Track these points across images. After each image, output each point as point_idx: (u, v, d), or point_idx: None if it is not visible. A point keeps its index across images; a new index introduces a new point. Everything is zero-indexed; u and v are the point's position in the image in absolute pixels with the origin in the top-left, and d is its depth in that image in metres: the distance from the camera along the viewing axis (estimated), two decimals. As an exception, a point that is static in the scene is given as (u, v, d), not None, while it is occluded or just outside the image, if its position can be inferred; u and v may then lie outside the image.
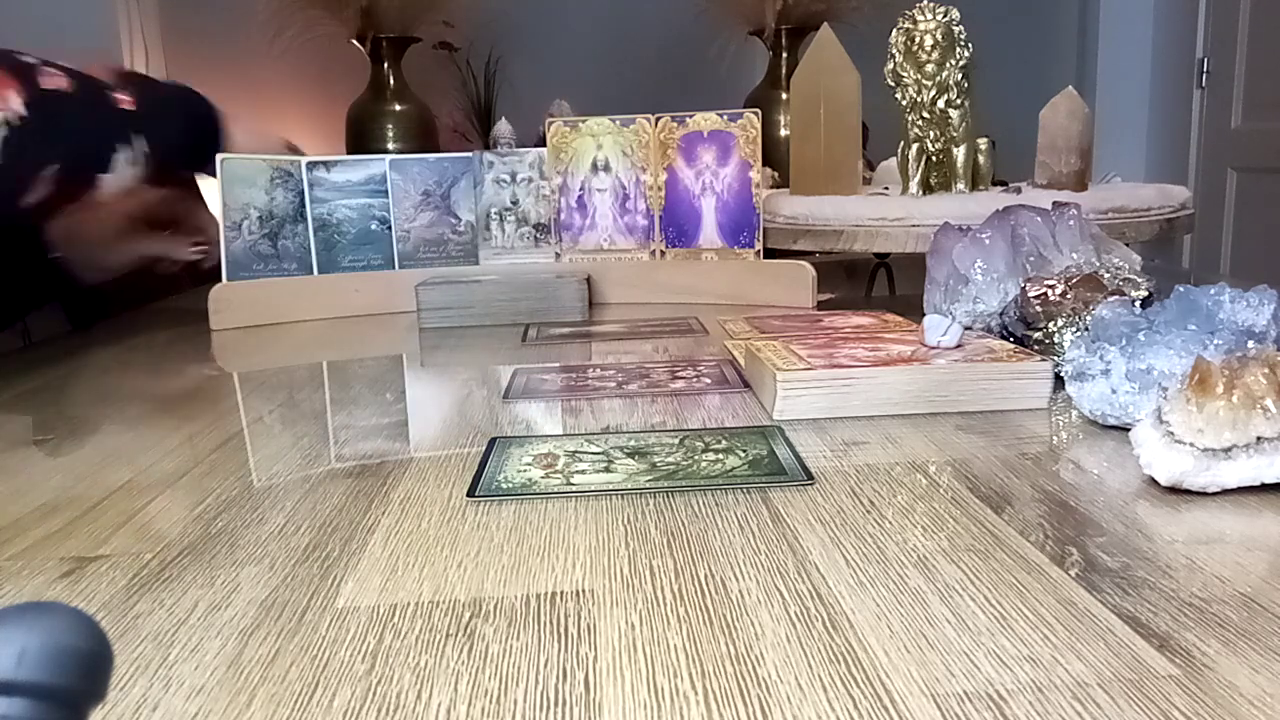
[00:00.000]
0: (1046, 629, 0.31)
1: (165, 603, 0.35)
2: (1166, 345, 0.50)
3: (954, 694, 0.27)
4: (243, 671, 0.30)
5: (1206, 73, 3.08)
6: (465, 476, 0.48)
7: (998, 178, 1.13)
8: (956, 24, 0.97)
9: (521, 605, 0.34)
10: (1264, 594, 0.33)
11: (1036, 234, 0.70)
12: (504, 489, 0.46)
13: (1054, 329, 0.63)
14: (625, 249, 1.05)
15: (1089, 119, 1.03)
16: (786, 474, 0.47)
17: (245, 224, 0.98)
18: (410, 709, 0.28)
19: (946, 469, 0.47)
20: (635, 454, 0.50)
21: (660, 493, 0.45)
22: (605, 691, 0.28)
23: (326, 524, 0.42)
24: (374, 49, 2.56)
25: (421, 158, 1.06)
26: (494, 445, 0.53)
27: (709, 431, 0.54)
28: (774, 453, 0.50)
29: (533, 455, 0.50)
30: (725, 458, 0.49)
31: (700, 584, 0.35)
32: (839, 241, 0.95)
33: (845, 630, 0.31)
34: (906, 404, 0.57)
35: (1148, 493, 0.43)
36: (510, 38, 3.17)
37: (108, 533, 0.42)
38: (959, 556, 0.37)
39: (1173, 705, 0.27)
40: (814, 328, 0.79)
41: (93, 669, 0.18)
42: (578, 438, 0.54)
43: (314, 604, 0.35)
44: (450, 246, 1.05)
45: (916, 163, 1.03)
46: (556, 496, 0.45)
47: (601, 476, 0.47)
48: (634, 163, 1.04)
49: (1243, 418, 0.41)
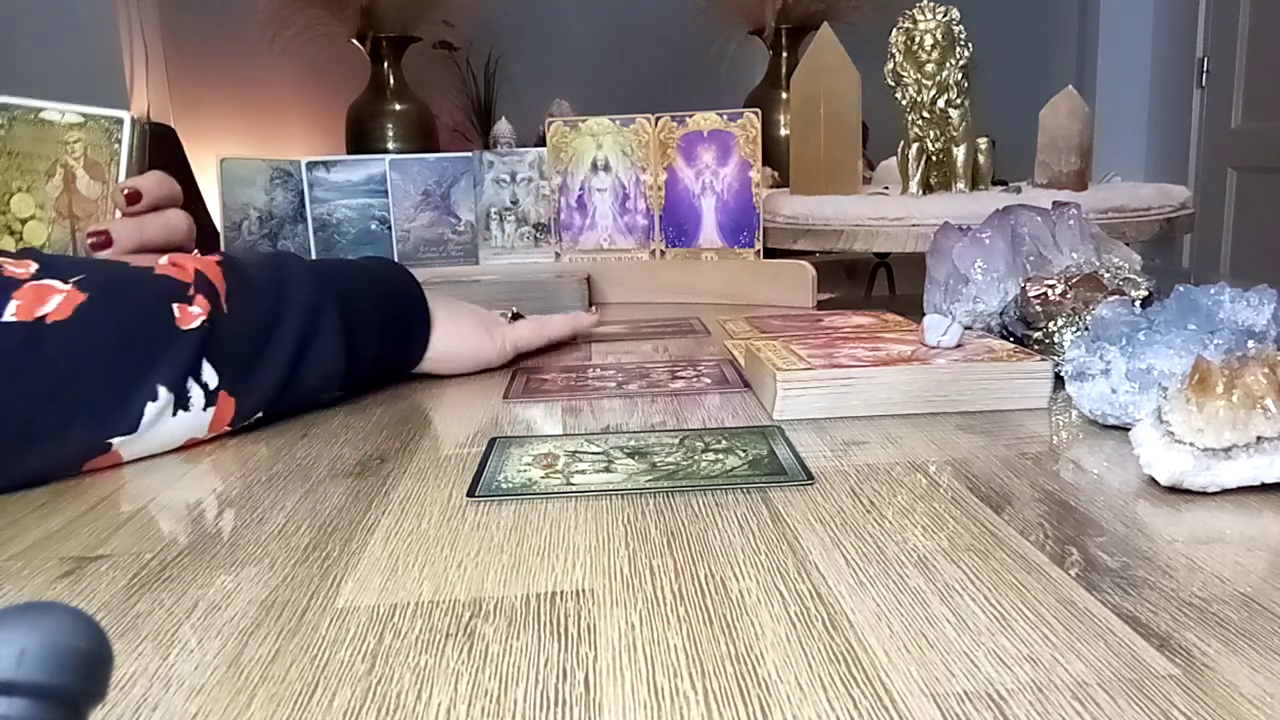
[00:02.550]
0: (1046, 629, 0.31)
1: (165, 603, 0.35)
2: (1166, 345, 0.50)
3: (954, 694, 0.27)
4: (243, 671, 0.30)
5: (1206, 72, 3.08)
6: (465, 476, 0.48)
7: (998, 177, 1.13)
8: (956, 24, 0.97)
9: (521, 605, 0.34)
10: (1264, 594, 0.33)
11: (1036, 234, 0.70)
12: (504, 489, 0.46)
13: (1054, 329, 0.63)
14: (625, 249, 1.05)
15: (1089, 119, 1.03)
16: (786, 474, 0.47)
17: (245, 224, 0.98)
18: (410, 709, 0.28)
19: (946, 469, 0.47)
20: (635, 454, 0.50)
21: (660, 493, 0.45)
22: (605, 691, 0.28)
23: (326, 524, 0.42)
24: (374, 49, 2.56)
25: (421, 158, 1.06)
26: (494, 445, 0.53)
27: (709, 431, 0.54)
28: (774, 452, 0.50)
29: (533, 455, 0.50)
30: (725, 457, 0.49)
31: (700, 584, 0.35)
32: (839, 241, 0.95)
33: (845, 630, 0.31)
34: (906, 404, 0.57)
35: (1148, 492, 0.43)
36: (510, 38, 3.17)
37: (108, 533, 0.42)
38: (959, 556, 0.37)
39: (1173, 705, 0.27)
40: (814, 327, 0.79)
41: (93, 669, 0.18)
42: (578, 437, 0.54)
43: (314, 604, 0.35)
44: (450, 246, 1.05)
45: (916, 162, 1.03)
46: (556, 496, 0.45)
47: (601, 476, 0.47)
48: (634, 162, 1.04)
49: (1243, 417, 0.41)
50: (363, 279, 0.65)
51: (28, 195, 0.61)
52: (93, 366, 0.48)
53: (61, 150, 0.61)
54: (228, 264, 0.56)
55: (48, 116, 0.61)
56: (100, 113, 0.62)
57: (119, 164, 0.62)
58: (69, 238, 0.62)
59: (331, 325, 0.59)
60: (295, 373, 0.57)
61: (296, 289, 0.58)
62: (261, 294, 0.57)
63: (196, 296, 0.53)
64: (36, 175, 0.61)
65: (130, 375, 0.50)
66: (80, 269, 0.50)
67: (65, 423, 0.48)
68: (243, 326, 0.55)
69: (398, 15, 2.54)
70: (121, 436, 0.50)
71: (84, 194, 0.62)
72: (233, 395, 0.54)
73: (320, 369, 0.59)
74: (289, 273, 0.59)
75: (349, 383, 0.62)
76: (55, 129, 0.61)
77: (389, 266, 0.69)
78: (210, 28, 3.07)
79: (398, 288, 0.67)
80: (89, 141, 0.62)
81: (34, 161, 0.61)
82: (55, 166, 0.61)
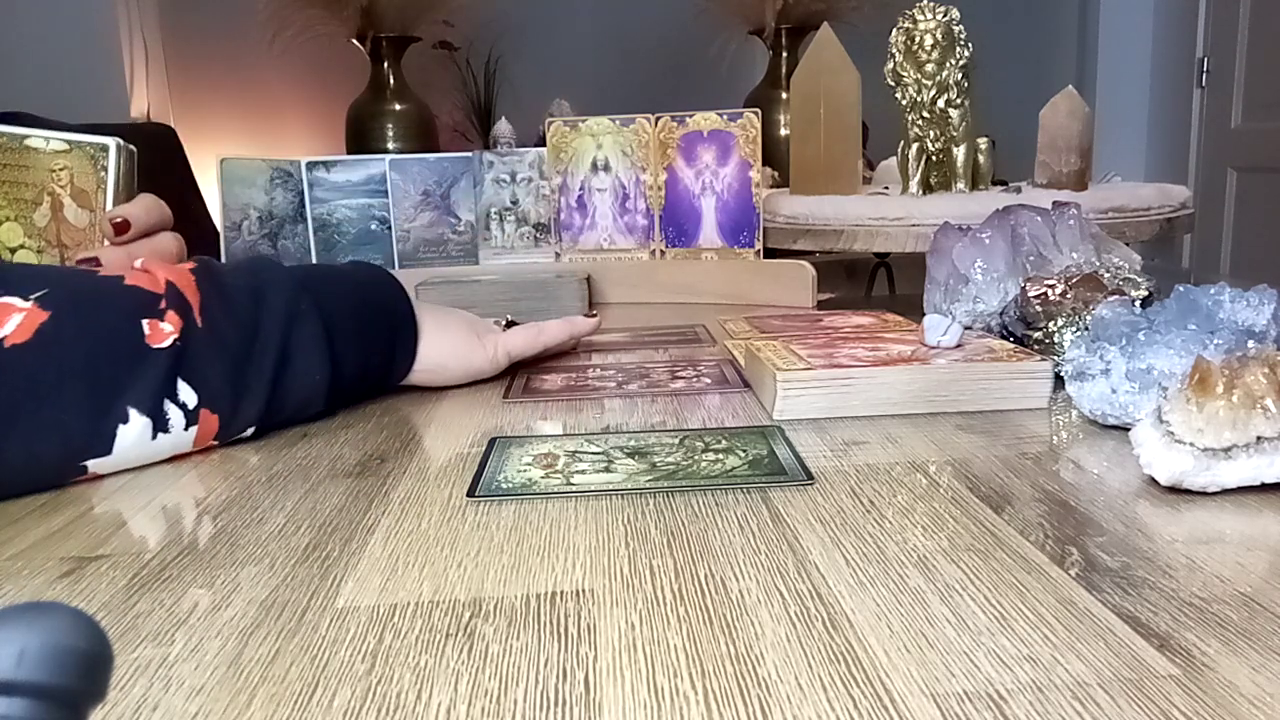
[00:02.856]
0: (1046, 629, 0.31)
1: (165, 603, 0.35)
2: (1166, 345, 0.50)
3: (954, 694, 0.27)
4: (243, 671, 0.30)
5: (1206, 72, 3.08)
6: (465, 476, 0.48)
7: (998, 177, 1.13)
8: (956, 24, 0.98)
9: (521, 605, 0.34)
10: (1264, 594, 0.33)
11: (1036, 234, 0.70)
12: (504, 489, 0.46)
13: (1054, 329, 0.63)
14: (625, 249, 1.05)
15: (1089, 119, 1.03)
16: (786, 474, 0.46)
17: (245, 224, 0.98)
18: (410, 709, 0.28)
19: (946, 469, 0.47)
20: (635, 454, 0.50)
21: (660, 492, 0.45)
22: (605, 691, 0.28)
23: (326, 524, 0.42)
24: (374, 49, 2.56)
25: (421, 158, 1.06)
26: (494, 445, 0.53)
27: (709, 431, 0.54)
28: (774, 452, 0.50)
29: (533, 455, 0.50)
30: (725, 457, 0.49)
31: (700, 584, 0.35)
32: (839, 241, 0.95)
33: (845, 630, 0.31)
34: (906, 404, 0.57)
35: (1148, 493, 0.43)
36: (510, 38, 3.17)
37: (108, 533, 0.42)
38: (959, 556, 0.37)
39: (1173, 705, 0.27)
40: (814, 327, 0.79)
41: (93, 669, 0.18)
42: (578, 437, 0.54)
43: (314, 604, 0.35)
44: (450, 246, 1.05)
45: (916, 162, 1.03)
46: (556, 496, 0.45)
47: (601, 476, 0.47)
48: (634, 162, 1.04)
49: (1243, 418, 0.41)
50: (344, 286, 0.61)
51: (16, 224, 0.60)
52: (57, 391, 0.46)
53: (48, 178, 0.60)
54: (202, 272, 0.54)
55: (33, 144, 0.60)
56: (85, 140, 0.61)
57: (106, 191, 0.62)
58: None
59: (313, 334, 0.56)
60: (278, 384, 0.55)
61: (275, 295, 0.55)
62: (238, 303, 0.54)
63: (168, 312, 0.50)
64: (24, 204, 0.60)
65: (98, 399, 0.47)
66: (43, 282, 0.48)
67: (33, 448, 0.46)
68: (219, 339, 0.52)
69: (398, 15, 2.54)
70: (96, 459, 0.48)
71: (72, 222, 0.61)
72: (215, 411, 0.52)
73: (304, 379, 0.56)
74: (267, 279, 0.56)
75: (333, 396, 0.59)
76: (41, 156, 0.60)
77: (373, 272, 0.65)
78: (210, 28, 3.07)
79: (382, 295, 0.63)
80: (75, 169, 0.61)
81: (21, 190, 0.60)
82: (42, 195, 0.61)
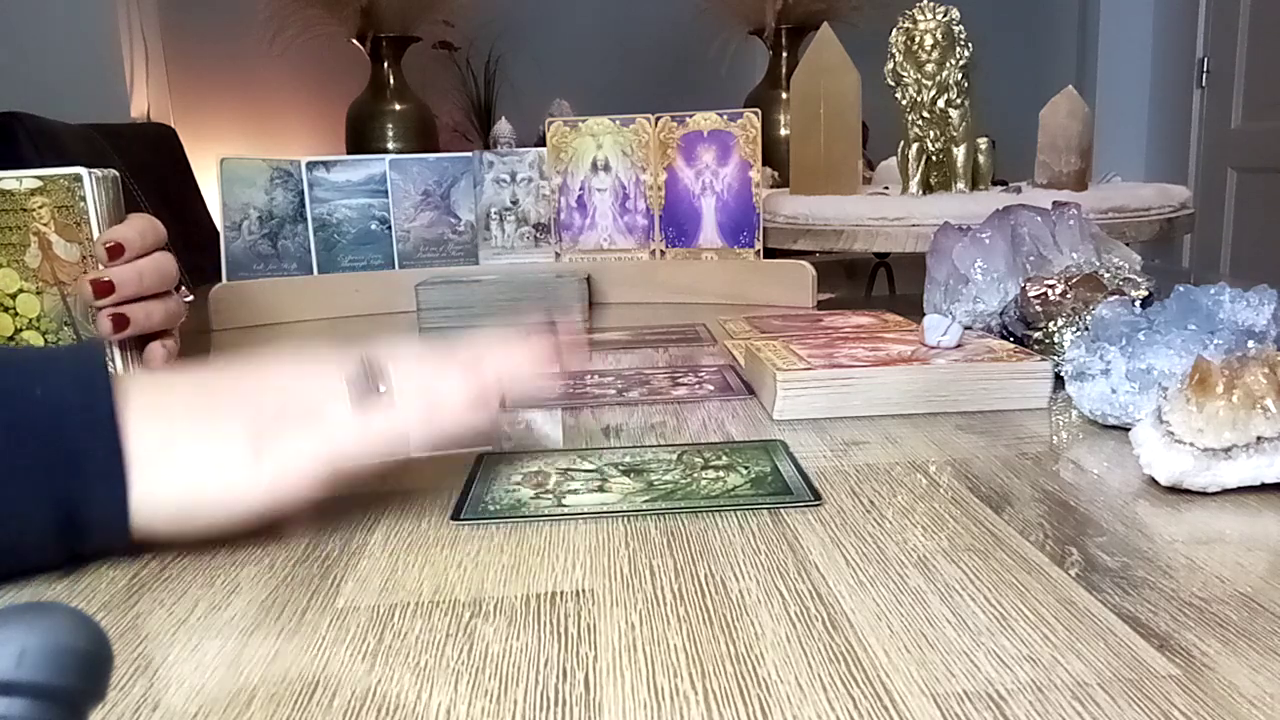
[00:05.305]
0: (1046, 629, 0.31)
1: (165, 603, 0.35)
2: (1166, 345, 0.50)
3: (954, 694, 0.27)
4: (243, 671, 0.30)
5: (1206, 72, 3.08)
6: (464, 476, 0.48)
7: (998, 177, 1.13)
8: (956, 24, 0.98)
9: (521, 605, 0.34)
10: (1264, 594, 0.33)
11: (1036, 234, 0.70)
12: (491, 511, 0.43)
13: (1054, 329, 0.63)
14: (625, 249, 1.05)
15: (1089, 119, 1.03)
16: (791, 493, 0.44)
17: (245, 224, 0.98)
18: (410, 709, 0.28)
19: (946, 469, 0.47)
20: (631, 471, 0.48)
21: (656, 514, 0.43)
22: (605, 691, 0.28)
23: (326, 524, 0.42)
24: (374, 49, 2.56)
25: (421, 158, 1.06)
26: (481, 462, 0.50)
27: (709, 446, 0.52)
28: (777, 469, 0.47)
29: (522, 474, 0.48)
30: (726, 475, 0.47)
31: (700, 584, 0.35)
32: (839, 241, 0.95)
33: (845, 630, 0.31)
34: (906, 404, 0.57)
35: (1148, 493, 0.43)
36: (510, 38, 3.17)
37: (108, 533, 0.42)
38: (959, 556, 0.37)
39: (1173, 705, 0.27)
40: (814, 327, 0.79)
41: (93, 669, 0.18)
42: (570, 454, 0.51)
43: (314, 604, 0.35)
44: (450, 246, 1.05)
45: (916, 162, 1.03)
46: (546, 520, 0.42)
47: (595, 497, 0.44)
48: (634, 162, 1.04)
49: (1243, 418, 0.41)
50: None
51: (10, 270, 0.59)
52: None
53: (29, 218, 0.59)
54: None
55: (6, 186, 0.59)
56: (57, 173, 0.60)
57: (89, 221, 0.61)
58: (61, 305, 0.61)
59: None
60: None
61: None
62: None
63: None
64: (12, 248, 0.60)
65: None
66: None
67: None
68: None
69: (398, 15, 2.54)
70: None
71: (64, 258, 0.60)
72: None
73: None
74: None
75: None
76: (16, 198, 0.59)
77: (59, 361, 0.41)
78: (210, 28, 3.07)
79: (55, 400, 0.37)
80: (54, 204, 0.60)
81: (5, 235, 0.59)
82: (28, 235, 0.60)
